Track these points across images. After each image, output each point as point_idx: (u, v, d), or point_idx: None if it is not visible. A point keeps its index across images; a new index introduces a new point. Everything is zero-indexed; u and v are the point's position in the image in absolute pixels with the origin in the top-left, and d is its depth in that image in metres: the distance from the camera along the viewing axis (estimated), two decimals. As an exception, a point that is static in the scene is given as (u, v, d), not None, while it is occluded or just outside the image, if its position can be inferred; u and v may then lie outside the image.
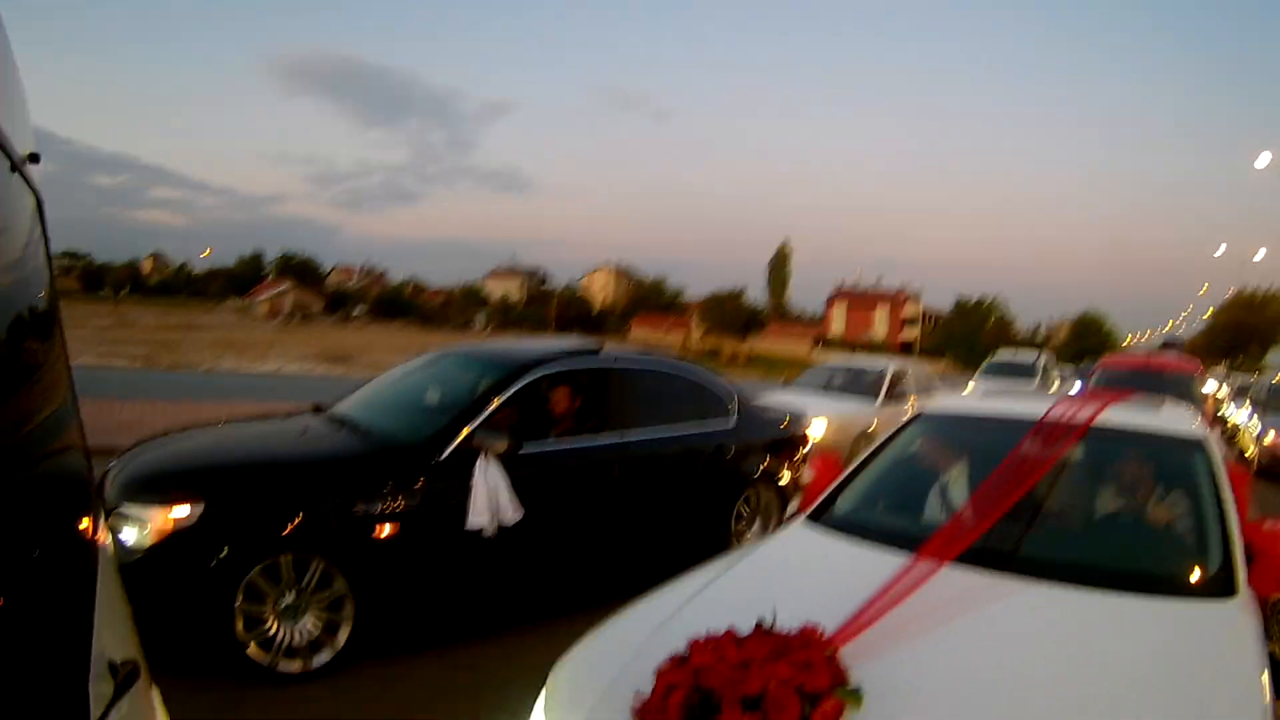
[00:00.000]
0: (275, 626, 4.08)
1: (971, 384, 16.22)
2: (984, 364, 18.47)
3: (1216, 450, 3.46)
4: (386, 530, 4.33)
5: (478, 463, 4.61)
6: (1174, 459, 3.47)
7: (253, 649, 4.00)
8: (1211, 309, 73.78)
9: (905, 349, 78.33)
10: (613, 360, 5.87)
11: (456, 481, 4.57)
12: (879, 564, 2.74)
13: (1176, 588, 2.80)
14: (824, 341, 78.12)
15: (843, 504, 3.58)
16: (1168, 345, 18.91)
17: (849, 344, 76.26)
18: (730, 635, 2.03)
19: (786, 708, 1.81)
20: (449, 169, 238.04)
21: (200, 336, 37.24)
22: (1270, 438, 12.03)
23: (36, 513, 1.14)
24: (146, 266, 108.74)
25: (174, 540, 3.88)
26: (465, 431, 4.71)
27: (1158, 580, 2.81)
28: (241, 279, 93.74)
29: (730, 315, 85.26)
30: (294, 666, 4.12)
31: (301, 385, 17.67)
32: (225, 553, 3.92)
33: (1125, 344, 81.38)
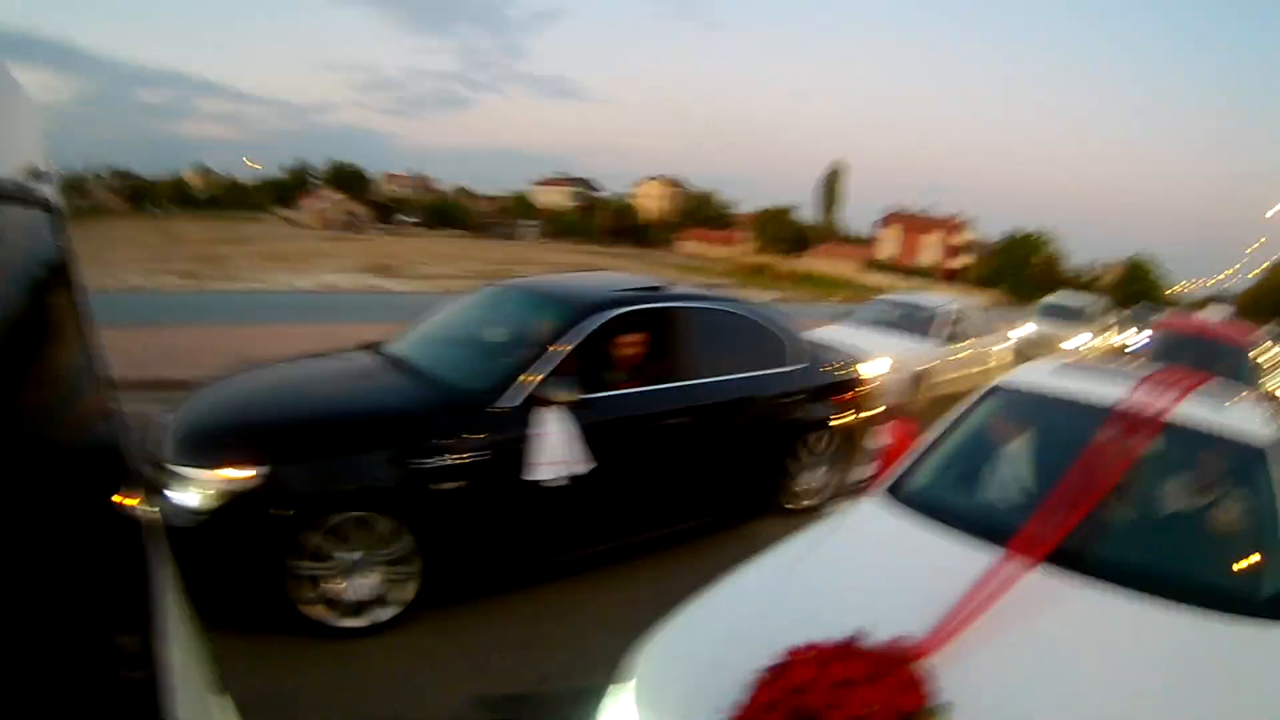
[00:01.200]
0: (339, 584, 4.04)
1: (1026, 325, 16.06)
2: (1039, 303, 18.20)
3: None
4: (453, 484, 4.23)
5: (546, 413, 4.50)
6: (1245, 467, 3.29)
7: (317, 608, 3.99)
8: (1265, 264, 71.51)
9: (953, 276, 77.14)
10: (677, 300, 5.62)
11: (524, 432, 4.43)
12: (965, 559, 2.74)
13: (1250, 606, 2.68)
14: (874, 264, 77.39)
15: (920, 478, 3.56)
16: (1215, 300, 18.39)
17: (898, 268, 75.53)
18: (829, 649, 2.08)
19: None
20: (498, 76, 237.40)
21: (248, 250, 37.23)
22: None
23: (54, 496, 1.11)
24: (195, 181, 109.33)
25: (237, 502, 3.82)
26: (532, 380, 4.55)
27: (1234, 598, 2.72)
28: (289, 189, 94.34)
29: (780, 232, 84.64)
30: (358, 623, 4.10)
31: (350, 303, 17.74)
32: (290, 514, 3.87)
33: (1172, 291, 79.61)
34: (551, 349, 4.71)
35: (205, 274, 24.92)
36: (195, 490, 3.79)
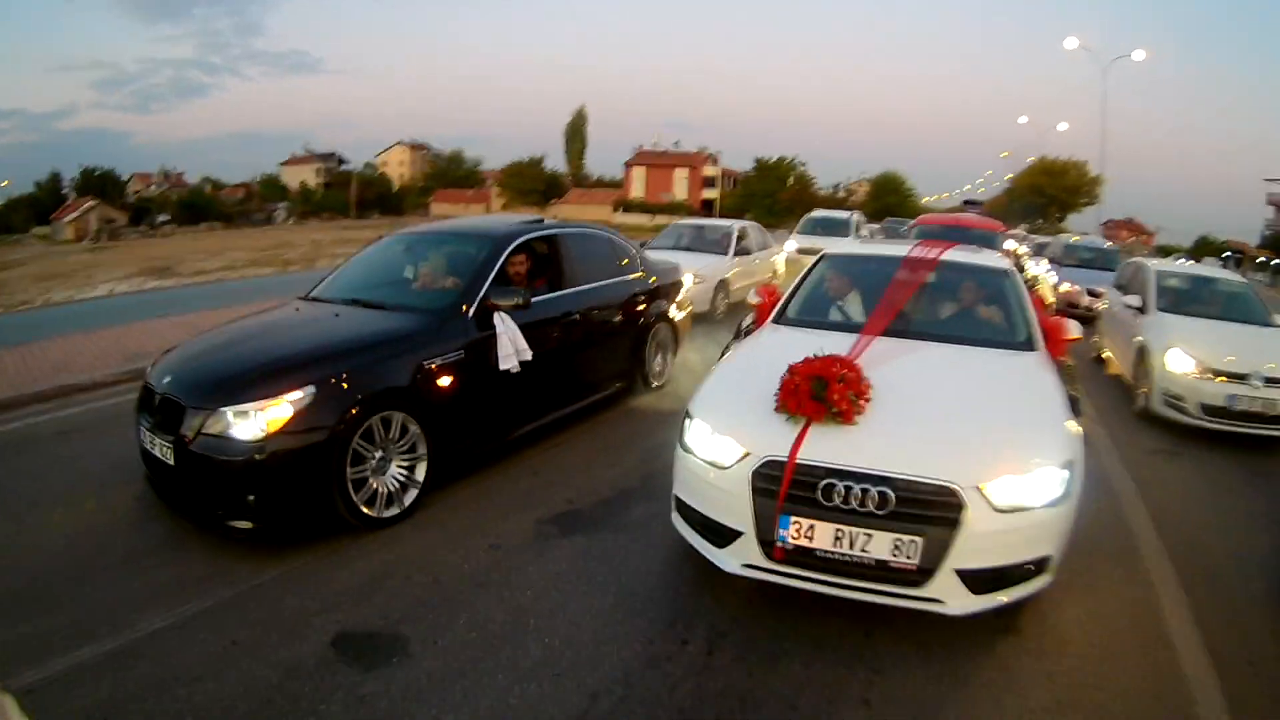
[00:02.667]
0: (373, 482, 4.90)
1: (791, 240, 18.38)
2: (802, 220, 20.80)
3: (1019, 277, 5.86)
4: (444, 379, 5.32)
5: (495, 317, 5.74)
6: (995, 282, 5.70)
7: (360, 505, 4.82)
8: (1012, 174, 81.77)
9: (707, 208, 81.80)
10: (559, 228, 7.16)
11: (482, 333, 5.67)
12: (841, 338, 4.69)
13: (1006, 345, 4.97)
14: (625, 205, 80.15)
15: (791, 312, 5.65)
16: (969, 204, 21.67)
17: (650, 206, 78.89)
18: (815, 360, 4.01)
19: (857, 381, 3.89)
20: (237, 57, 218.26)
21: (18, 274, 35.38)
22: (1065, 287, 15.47)
23: None
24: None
25: (292, 423, 4.49)
26: (480, 294, 5.79)
27: (996, 342, 5.00)
28: (44, 204, 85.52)
29: (531, 184, 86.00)
30: (392, 511, 5.00)
31: (149, 302, 17.41)
32: (335, 424, 4.62)
33: (924, 202, 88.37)
34: (489, 271, 5.98)
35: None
36: (248, 421, 4.46)
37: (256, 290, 16.83)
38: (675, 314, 8.55)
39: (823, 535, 3.53)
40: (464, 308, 5.69)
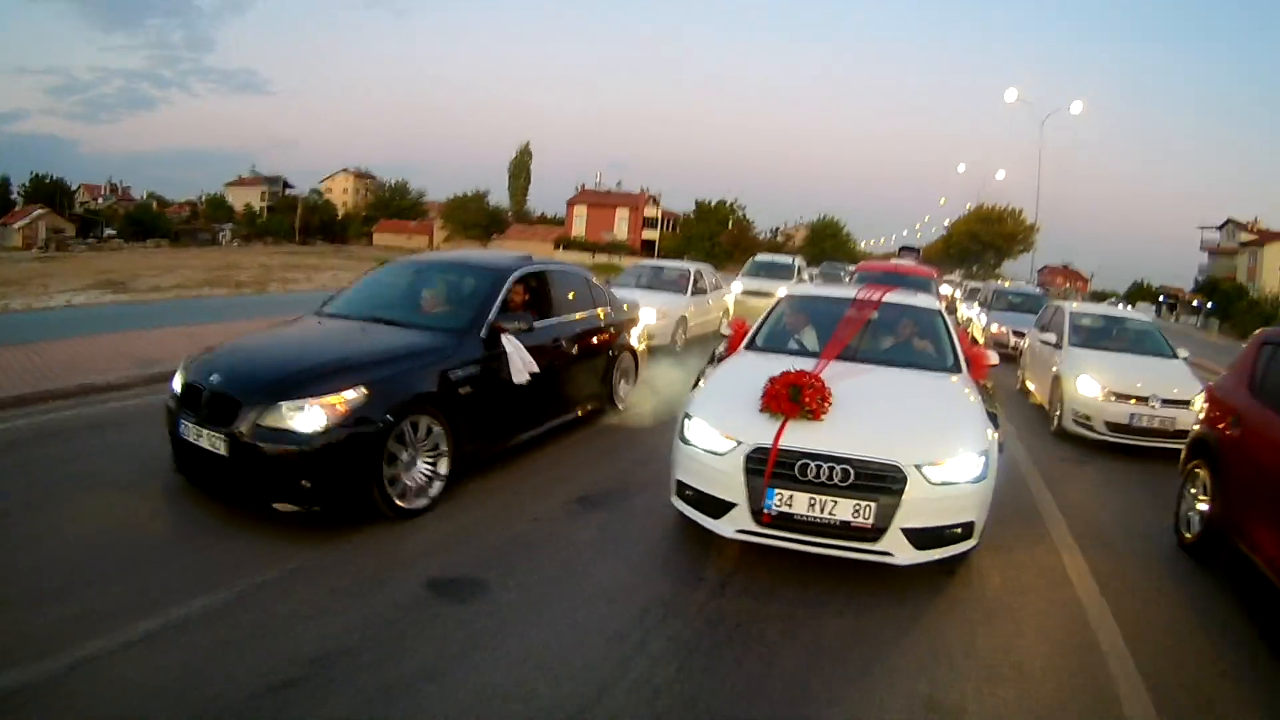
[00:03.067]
0: (403, 476, 5.51)
1: (737, 282, 19.38)
2: (748, 263, 22.06)
3: (947, 315, 7.12)
4: (464, 388, 6.05)
5: (504, 338, 6.54)
6: (928, 320, 6.93)
7: (393, 496, 5.42)
8: (949, 221, 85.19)
9: (647, 248, 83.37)
10: (546, 265, 8.10)
11: (493, 351, 6.45)
12: (803, 361, 5.70)
13: (937, 369, 6.16)
14: (566, 243, 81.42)
15: (760, 341, 6.71)
16: (905, 250, 23.15)
17: (590, 245, 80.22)
18: (789, 374, 5.06)
19: (822, 389, 4.95)
20: (186, 71, 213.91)
21: None
22: (995, 328, 17.24)
23: None
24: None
25: (345, 418, 5.12)
26: (489, 317, 6.59)
27: (929, 366, 6.20)
28: None
29: (474, 217, 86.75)
30: (420, 503, 5.63)
31: (108, 316, 17.01)
32: (383, 421, 5.30)
33: (861, 247, 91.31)
34: (495, 298, 6.81)
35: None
36: (308, 415, 5.07)
37: (217, 310, 17.25)
38: (637, 345, 9.63)
39: (800, 503, 4.65)
40: (478, 328, 6.48)
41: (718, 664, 3.93)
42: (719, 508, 4.91)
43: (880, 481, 4.60)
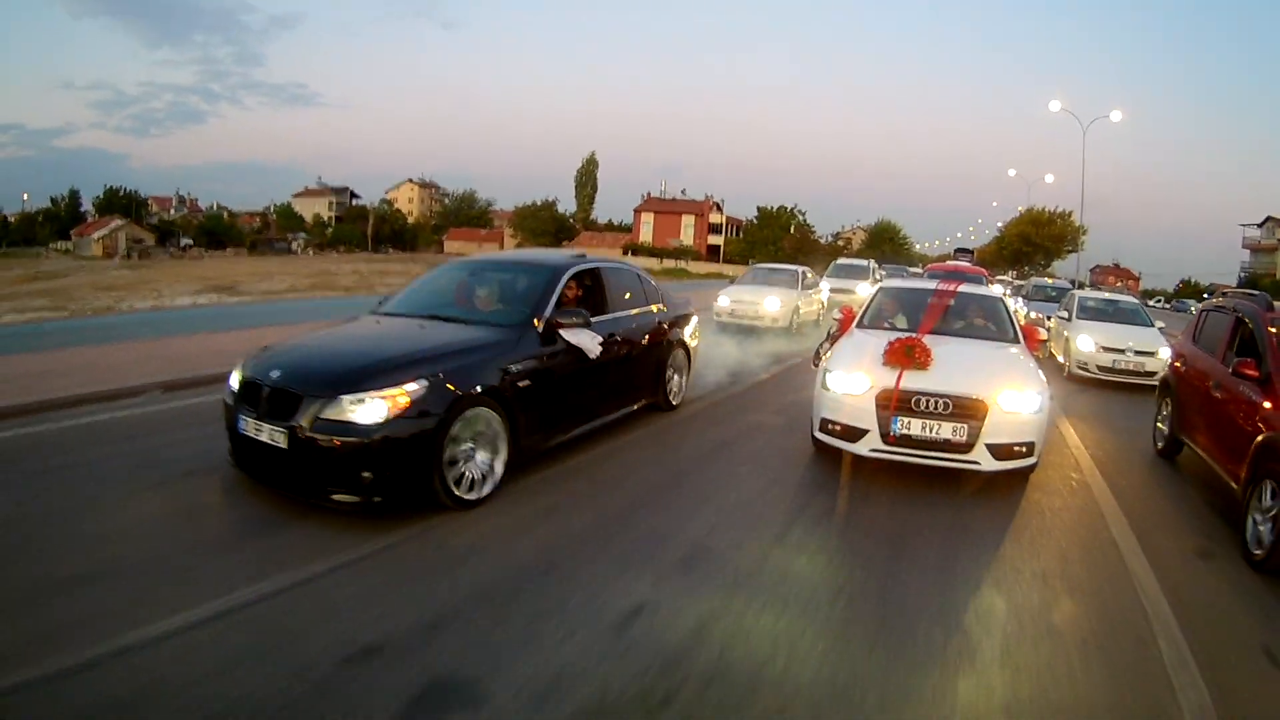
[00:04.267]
0: (463, 467, 5.57)
1: (824, 281, 22.29)
2: (831, 266, 25.17)
3: (1008, 301, 9.10)
4: (522, 381, 6.10)
5: (564, 332, 6.67)
6: (994, 305, 8.85)
7: (452, 487, 5.46)
8: (1001, 223, 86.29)
9: (713, 254, 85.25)
10: (599, 262, 8.13)
11: (547, 347, 6.51)
12: (902, 335, 7.43)
13: (1002, 340, 8.09)
14: (633, 249, 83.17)
15: (866, 320, 8.59)
16: (960, 251, 25.42)
17: (657, 250, 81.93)
18: (901, 339, 7.01)
19: (925, 349, 6.84)
20: (236, 85, 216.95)
21: (69, 282, 36.39)
22: (1032, 315, 19.91)
23: None
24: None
25: (407, 410, 5.17)
26: (546, 313, 6.65)
27: (996, 338, 8.14)
28: (62, 220, 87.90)
29: (542, 226, 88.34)
30: (482, 493, 5.69)
31: (233, 314, 18.98)
32: (443, 413, 5.33)
33: (917, 250, 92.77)
34: (551, 294, 6.90)
35: (67, 305, 25.14)
36: (370, 408, 5.10)
37: (335, 308, 17.13)
38: (690, 341, 9.70)
39: (915, 426, 6.52)
40: (535, 323, 6.56)
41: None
42: (856, 434, 6.72)
43: (970, 409, 6.44)
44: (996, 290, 9.73)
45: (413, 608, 4.14)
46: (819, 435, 7.14)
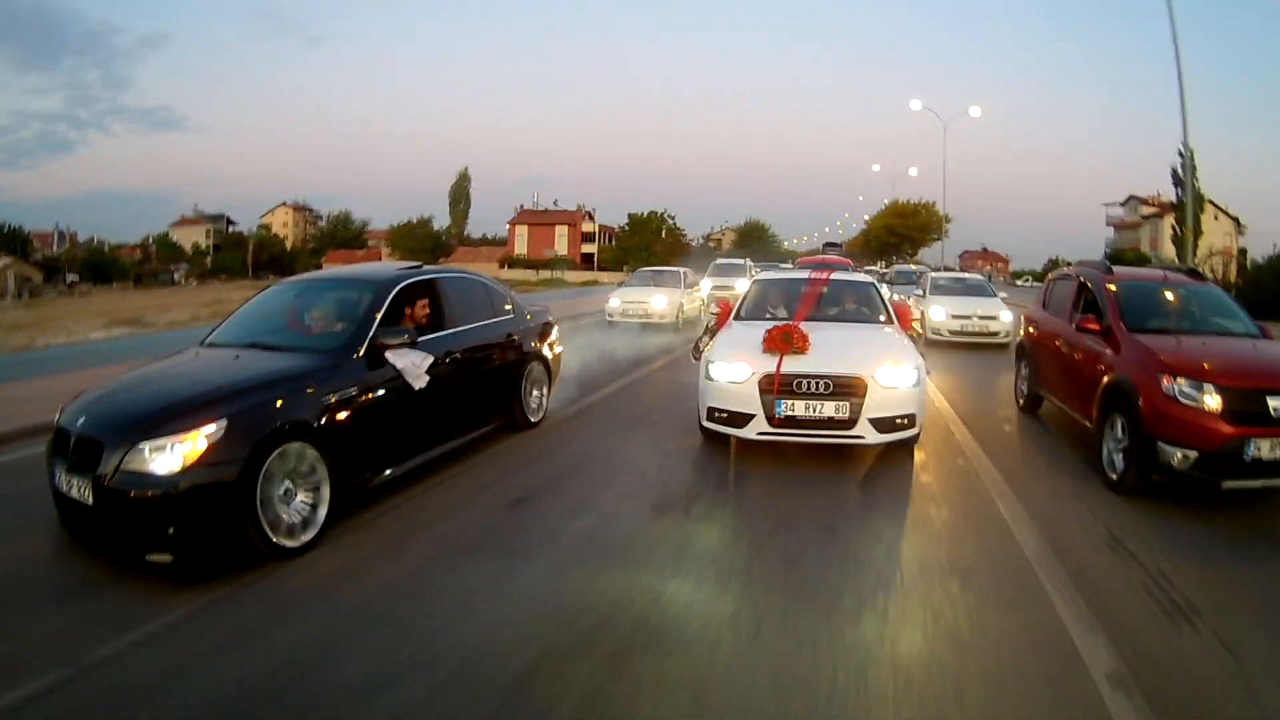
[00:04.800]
0: (280, 511, 4.88)
1: (706, 280, 23.14)
2: (711, 265, 25.82)
3: (880, 285, 9.39)
4: (341, 412, 5.41)
5: (389, 354, 5.95)
6: (866, 289, 9.03)
7: (269, 533, 4.78)
8: (868, 216, 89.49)
9: (587, 261, 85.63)
10: (435, 272, 7.34)
11: (373, 371, 5.79)
12: (779, 323, 7.56)
13: (876, 321, 8.38)
14: (510, 261, 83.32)
15: (744, 312, 8.67)
16: (829, 245, 26.77)
17: (533, 262, 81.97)
18: (780, 326, 7.17)
19: (802, 334, 7.01)
20: (104, 111, 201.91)
21: None
22: (895, 297, 21.08)
23: None
24: None
25: (206, 455, 4.52)
26: (370, 334, 5.91)
27: (870, 320, 8.39)
28: None
29: (419, 244, 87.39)
30: (306, 538, 5.01)
31: (142, 345, 17.24)
32: (246, 456, 4.65)
33: (786, 246, 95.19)
34: (376, 313, 6.14)
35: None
36: (166, 454, 4.48)
37: None
38: (548, 353, 8.88)
39: (799, 408, 6.67)
40: (356, 347, 5.84)
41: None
42: (743, 420, 6.84)
43: (850, 388, 6.62)
44: (863, 275, 10.07)
45: (221, 684, 3.48)
46: (707, 424, 7.22)
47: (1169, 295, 7.89)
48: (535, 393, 8.45)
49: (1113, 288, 7.78)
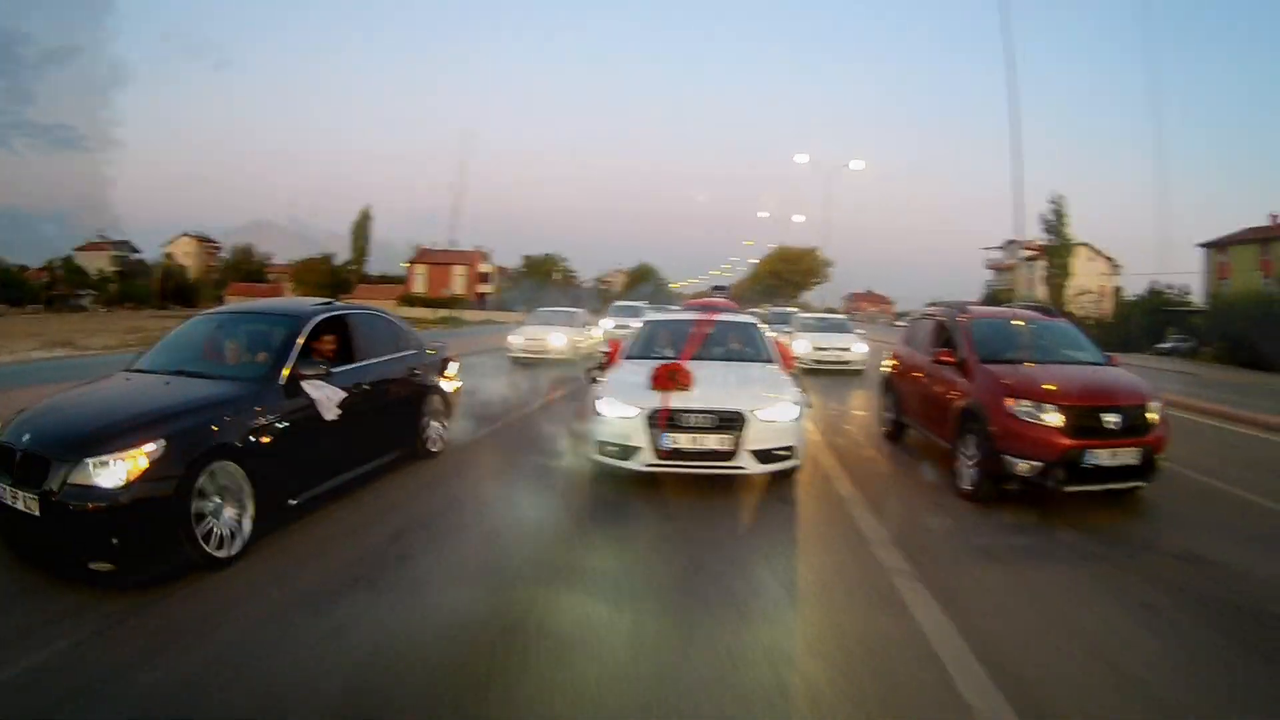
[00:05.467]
0: (214, 524, 5.21)
1: (607, 319, 24.28)
2: (611, 306, 27.33)
3: (762, 326, 9.48)
4: (263, 436, 5.74)
5: (305, 384, 6.28)
6: (749, 330, 9.15)
7: (203, 545, 5.09)
8: (754, 260, 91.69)
9: (483, 300, 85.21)
10: (347, 309, 7.55)
11: (291, 399, 6.14)
12: (667, 360, 8.02)
13: (759, 360, 8.44)
14: (409, 299, 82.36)
15: (633, 353, 8.74)
16: (717, 289, 28.06)
17: (431, 300, 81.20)
18: (666, 365, 7.33)
19: (686, 372, 7.22)
20: (4, 125, 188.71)
21: None
22: (778, 338, 22.69)
23: None
24: None
25: (147, 472, 4.84)
26: (290, 365, 6.27)
27: (753, 358, 8.48)
28: None
29: (320, 279, 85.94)
30: (234, 549, 5.35)
31: (105, 362, 16.88)
32: (185, 472, 5.00)
33: (674, 287, 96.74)
34: (292, 345, 6.46)
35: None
36: (110, 471, 4.77)
37: None
38: (446, 386, 9.08)
39: (684, 440, 6.81)
40: (277, 377, 6.18)
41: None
42: (630, 452, 6.95)
43: (732, 422, 6.81)
44: (747, 316, 10.44)
45: (160, 683, 3.73)
46: (597, 456, 7.28)
47: (1019, 329, 8.56)
48: (434, 424, 8.61)
49: (964, 323, 8.47)
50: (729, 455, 6.85)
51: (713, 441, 6.84)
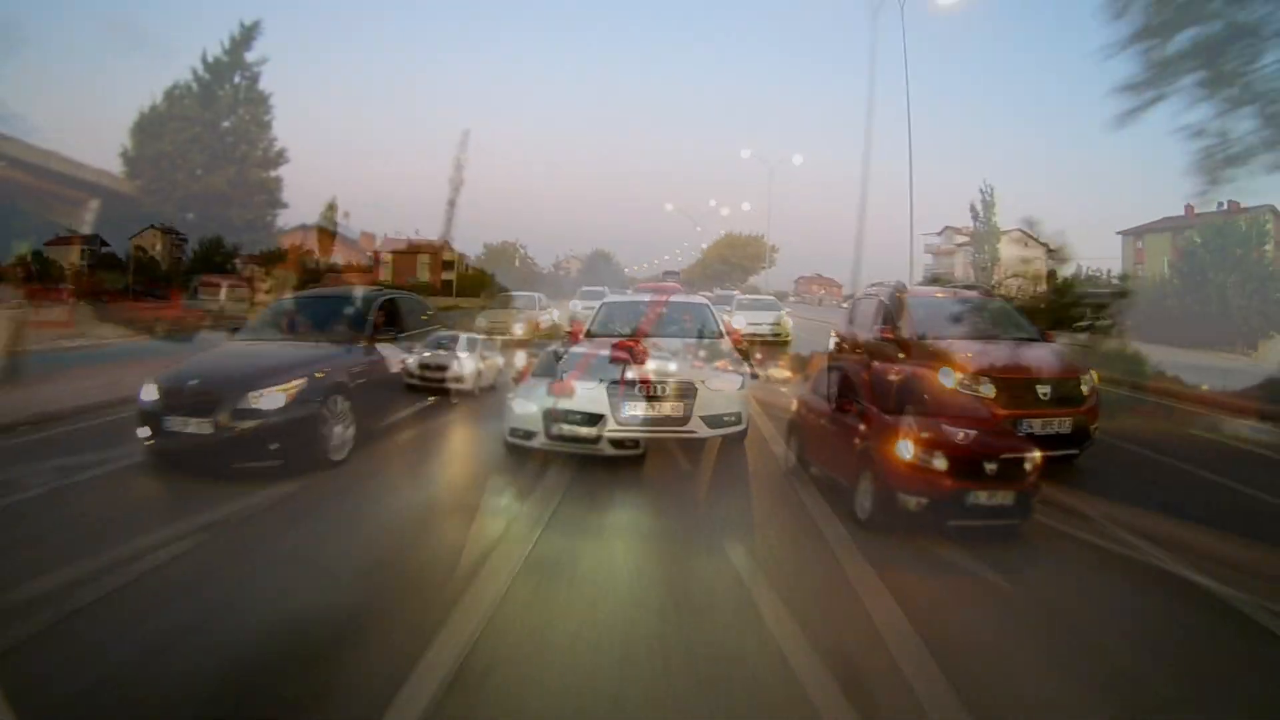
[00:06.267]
0: (331, 437, 7.42)
1: (575, 301, 25.43)
2: (579, 290, 29.01)
3: (713, 308, 10.32)
4: (359, 380, 7.99)
5: (379, 346, 8.69)
6: (700, 310, 10.11)
7: (327, 451, 7.32)
8: (704, 246, 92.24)
9: (447, 288, 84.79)
10: (393, 291, 10.73)
11: (370, 356, 8.54)
12: (625, 337, 8.56)
13: (709, 336, 9.42)
14: (376, 286, 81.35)
15: (594, 330, 9.39)
16: (668, 274, 29.60)
17: (398, 288, 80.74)
18: (624, 340, 7.94)
19: (643, 347, 7.82)
20: None
21: None
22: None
23: None
24: None
25: (294, 400, 6.98)
26: (368, 331, 8.75)
27: (704, 334, 9.40)
28: None
29: (291, 269, 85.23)
30: (343, 455, 7.56)
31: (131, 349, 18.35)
32: (318, 400, 7.18)
33: (628, 272, 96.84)
34: (369, 317, 8.99)
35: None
36: (270, 399, 6.89)
37: (167, 349, 17.47)
38: (483, 361, 12.27)
39: (642, 408, 7.33)
40: (361, 339, 8.58)
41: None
42: (595, 420, 7.31)
43: (685, 390, 7.27)
44: (698, 298, 10.84)
45: (324, 523, 6.25)
46: (562, 428, 7.52)
47: (956, 307, 9.39)
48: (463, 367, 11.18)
49: (905, 300, 9.23)
50: (683, 421, 7.26)
51: (668, 408, 7.25)
